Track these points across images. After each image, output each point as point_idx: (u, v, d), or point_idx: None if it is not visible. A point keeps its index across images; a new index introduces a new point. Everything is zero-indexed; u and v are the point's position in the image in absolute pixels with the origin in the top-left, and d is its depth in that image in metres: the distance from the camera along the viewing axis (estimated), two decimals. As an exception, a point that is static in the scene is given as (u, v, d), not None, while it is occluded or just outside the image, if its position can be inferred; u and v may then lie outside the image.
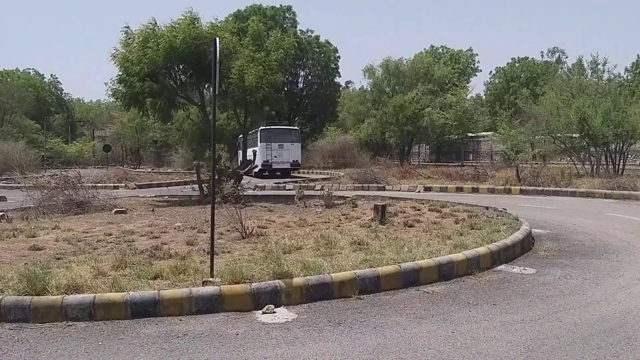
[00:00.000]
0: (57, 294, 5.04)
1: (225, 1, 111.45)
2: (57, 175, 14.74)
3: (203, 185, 15.66)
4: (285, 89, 41.90)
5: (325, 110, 46.56)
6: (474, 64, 66.70)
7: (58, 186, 13.21)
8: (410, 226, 9.38)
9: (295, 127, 37.08)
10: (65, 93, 79.22)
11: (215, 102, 6.64)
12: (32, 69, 74.22)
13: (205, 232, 8.53)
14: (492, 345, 4.32)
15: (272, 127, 32.23)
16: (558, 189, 19.13)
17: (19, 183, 17.18)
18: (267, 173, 31.54)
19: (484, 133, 42.58)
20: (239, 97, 14.87)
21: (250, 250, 7.28)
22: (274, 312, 5.14)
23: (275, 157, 32.10)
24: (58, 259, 6.80)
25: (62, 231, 9.24)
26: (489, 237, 7.92)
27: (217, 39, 6.11)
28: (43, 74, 75.04)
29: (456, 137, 42.37)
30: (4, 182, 24.99)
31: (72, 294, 5.08)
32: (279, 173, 31.95)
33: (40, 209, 12.00)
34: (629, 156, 26.72)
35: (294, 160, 33.04)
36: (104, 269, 6.00)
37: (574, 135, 24.97)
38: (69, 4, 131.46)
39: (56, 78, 78.00)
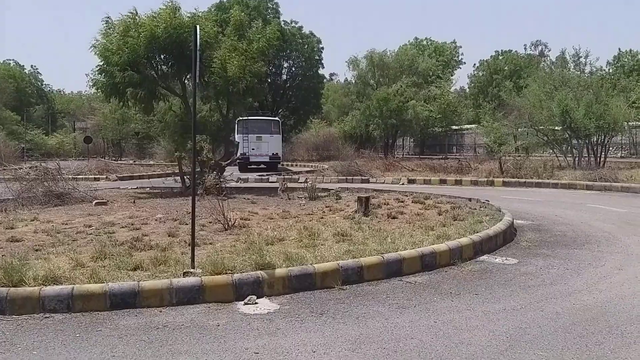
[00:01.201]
0: (35, 285, 4.95)
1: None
2: (36, 167, 14.50)
3: (185, 177, 15.53)
4: (269, 80, 41.57)
5: (309, 103, 46.32)
6: (457, 57, 66.94)
7: (37, 178, 13.01)
8: (394, 218, 9.38)
9: (276, 118, 34.80)
10: (45, 84, 77.81)
11: (196, 91, 6.55)
12: (12, 59, 72.88)
13: (186, 224, 8.43)
14: (474, 334, 4.31)
15: (249, 118, 29.67)
16: (540, 180, 19.29)
17: (-3, 175, 16.88)
18: (253, 166, 30.33)
19: (467, 126, 42.73)
20: (222, 88, 14.70)
21: (232, 242, 7.21)
22: (256, 303, 5.09)
23: (253, 149, 30.01)
24: (36, 250, 6.69)
25: (41, 223, 9.09)
26: (471, 228, 7.94)
27: (198, 26, 6.01)
28: (23, 65, 73.77)
29: (440, 129, 42.47)
30: (-17, 174, 24.62)
31: (49, 285, 4.98)
32: (264, 166, 30.65)
33: (19, 200, 11.79)
34: (610, 148, 26.99)
35: (273, 153, 30.99)
36: (83, 260, 5.91)
37: (556, 128, 25.16)
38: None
39: (36, 69, 76.60)
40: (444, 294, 5.48)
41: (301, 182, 17.76)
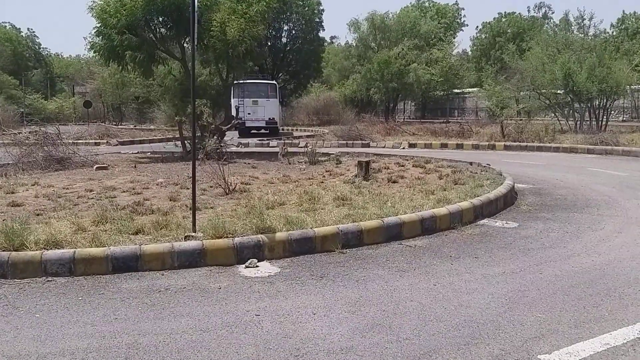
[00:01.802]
0: (37, 250, 4.97)
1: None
2: (36, 131, 14.44)
3: (185, 141, 15.48)
4: (269, 43, 41.04)
5: (310, 66, 45.74)
6: (460, 19, 65.95)
7: (37, 142, 12.97)
8: (394, 182, 9.37)
9: (272, 82, 32.22)
10: (43, 48, 76.85)
11: (195, 54, 6.47)
12: (8, 22, 72.03)
13: (187, 188, 8.44)
14: (474, 297, 4.35)
15: (245, 81, 27.26)
16: (542, 144, 19.25)
17: (-3, 140, 16.84)
18: (254, 131, 29.47)
19: (469, 89, 42.36)
20: (221, 51, 14.53)
21: (233, 206, 7.22)
22: (257, 266, 5.13)
23: (249, 114, 28.34)
24: (37, 215, 6.70)
25: (41, 187, 9.09)
26: (472, 192, 7.93)
27: (196, -13, 5.87)
28: (20, 28, 72.77)
29: (442, 93, 42.13)
30: (-18, 139, 24.55)
31: (51, 249, 5.00)
32: (265, 130, 29.78)
33: (20, 165, 11.78)
34: (612, 112, 26.84)
35: (270, 118, 29.56)
36: (85, 225, 5.92)
37: (558, 91, 24.98)
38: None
39: (33, 32, 75.71)
40: (444, 257, 5.51)
41: (301, 147, 17.73)
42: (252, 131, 29.33)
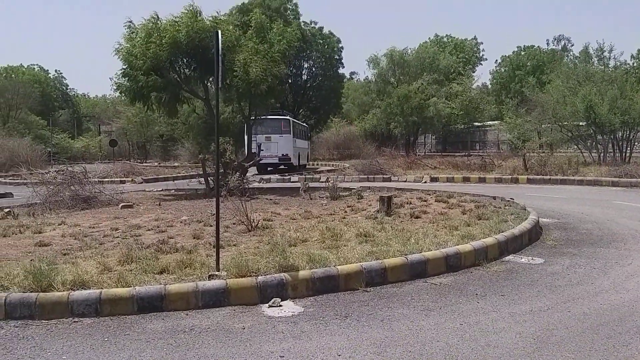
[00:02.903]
0: (63, 290, 5.03)
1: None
2: (63, 170, 14.75)
3: (209, 178, 15.66)
4: (290, 81, 41.71)
5: (330, 102, 46.32)
6: (479, 53, 66.49)
7: (64, 182, 13.21)
8: (417, 217, 9.33)
9: (286, 117, 31.27)
10: (70, 88, 79.06)
11: (218, 95, 6.60)
12: (37, 64, 74.15)
13: (211, 226, 8.51)
14: (501, 336, 4.28)
15: (259, 117, 25.97)
16: (565, 177, 19.07)
17: (25, 179, 17.23)
18: (271, 169, 29.21)
19: (490, 122, 42.33)
20: (244, 90, 14.80)
21: (256, 243, 7.25)
22: (280, 306, 5.11)
23: (262, 150, 27.42)
24: (64, 254, 6.78)
25: (68, 227, 9.24)
26: (496, 227, 7.86)
27: (219, 31, 6.05)
28: (48, 70, 75.03)
29: (462, 126, 42.19)
30: (11, 178, 25.12)
31: (78, 289, 5.06)
32: (285, 167, 29.82)
33: (47, 204, 12.01)
34: (636, 143, 26.54)
35: (283, 154, 29.13)
36: (110, 264, 5.98)
37: (580, 124, 24.83)
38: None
39: (61, 73, 77.92)
40: (470, 295, 5.44)
41: (322, 182, 17.79)
42: (271, 167, 29.22)
